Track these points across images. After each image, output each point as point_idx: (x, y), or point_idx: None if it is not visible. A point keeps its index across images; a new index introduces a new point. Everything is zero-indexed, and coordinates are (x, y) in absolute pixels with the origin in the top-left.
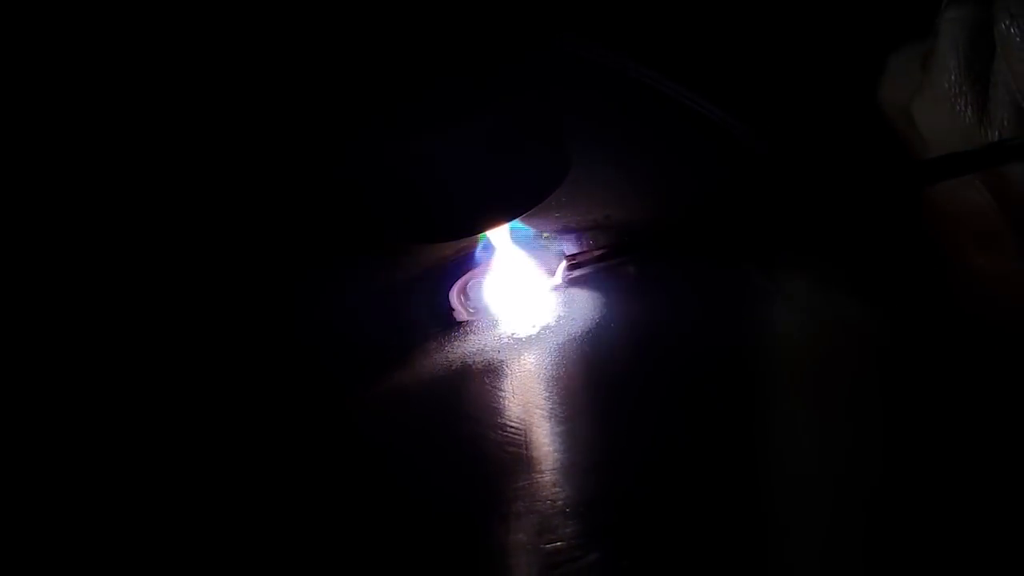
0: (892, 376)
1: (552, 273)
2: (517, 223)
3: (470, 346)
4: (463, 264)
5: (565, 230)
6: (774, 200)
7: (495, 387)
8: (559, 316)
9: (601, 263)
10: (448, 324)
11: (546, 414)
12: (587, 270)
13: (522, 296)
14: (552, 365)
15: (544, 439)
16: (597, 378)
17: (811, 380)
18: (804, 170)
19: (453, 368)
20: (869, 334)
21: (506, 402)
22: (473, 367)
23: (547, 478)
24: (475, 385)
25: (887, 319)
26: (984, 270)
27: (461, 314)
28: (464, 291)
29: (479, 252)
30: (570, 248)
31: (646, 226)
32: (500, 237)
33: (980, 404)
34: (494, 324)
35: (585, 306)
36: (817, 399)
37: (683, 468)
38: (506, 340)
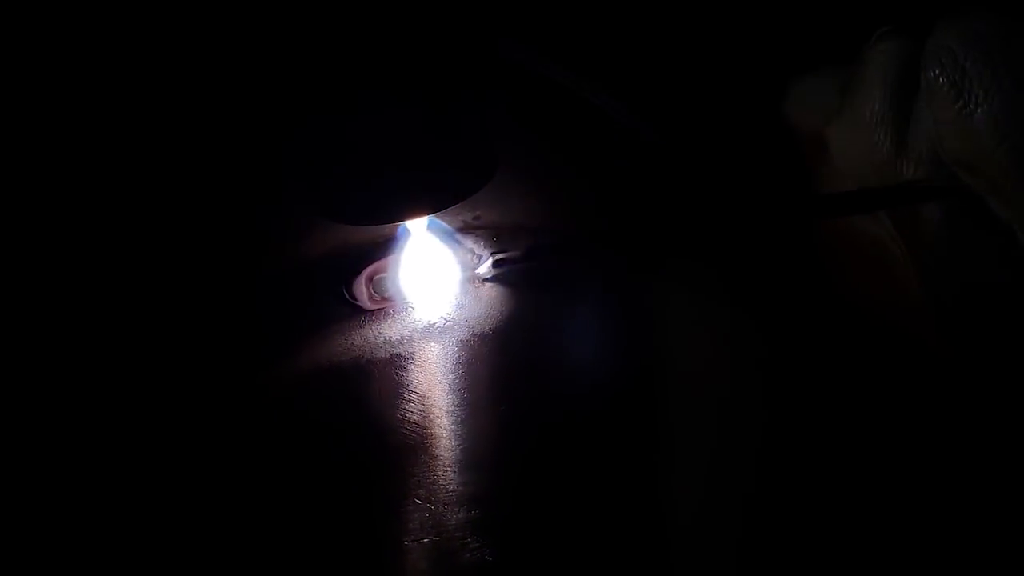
0: (769, 386)
1: (467, 269)
2: (435, 218)
3: (373, 335)
4: (375, 252)
5: (480, 228)
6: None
7: (396, 377)
8: (466, 312)
9: (516, 263)
10: (354, 311)
11: (446, 407)
12: (502, 268)
13: (432, 289)
14: (455, 359)
15: (442, 432)
16: (498, 375)
17: (694, 387)
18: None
19: (354, 356)
20: (748, 344)
21: (406, 393)
22: (375, 356)
23: (442, 471)
24: (376, 374)
25: (767, 331)
26: (878, 298)
27: (366, 302)
28: (372, 279)
29: (393, 242)
30: (486, 246)
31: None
32: (417, 229)
33: (854, 419)
34: (401, 315)
35: (494, 303)
36: (696, 404)
37: (575, 468)
38: (412, 331)
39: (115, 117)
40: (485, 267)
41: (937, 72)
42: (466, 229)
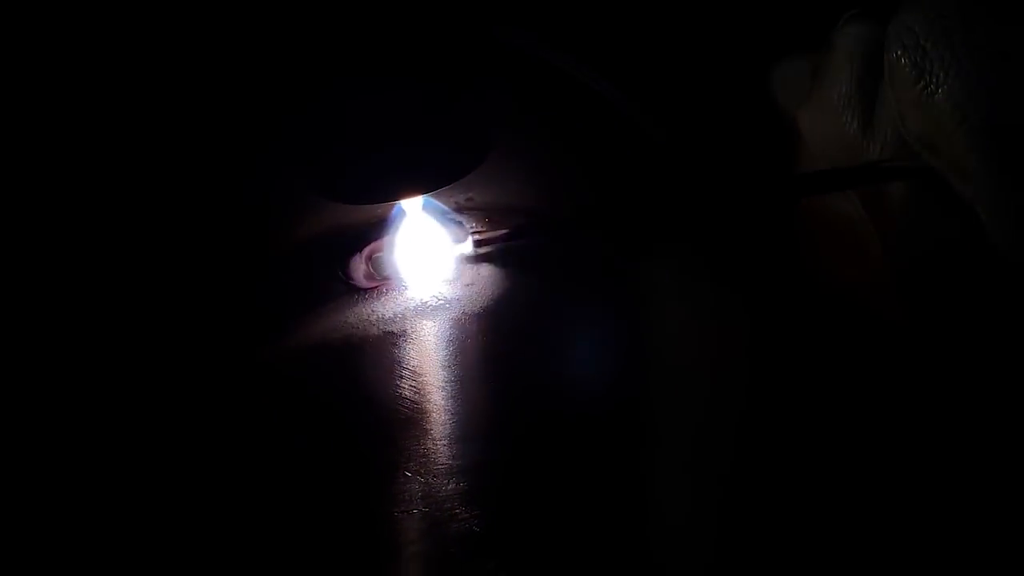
0: (754, 365)
1: (459, 248)
2: (429, 197)
3: (368, 313)
4: (370, 232)
5: (475, 208)
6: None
7: (390, 354)
8: (461, 290)
9: (507, 242)
10: (350, 288)
11: (438, 383)
12: (492, 247)
13: (426, 268)
14: (447, 337)
15: (436, 406)
16: (491, 352)
17: (681, 366)
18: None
19: (349, 333)
20: (734, 325)
21: (400, 369)
22: (370, 333)
23: (436, 444)
24: (370, 351)
25: (751, 311)
26: (848, 276)
27: (362, 281)
28: (368, 259)
29: (388, 222)
30: (478, 226)
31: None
32: (411, 208)
33: (835, 397)
34: (397, 292)
35: (486, 282)
36: (685, 384)
37: (563, 442)
38: (405, 309)
39: (112, 98)
40: (469, 245)
41: (899, 53)
42: (459, 210)
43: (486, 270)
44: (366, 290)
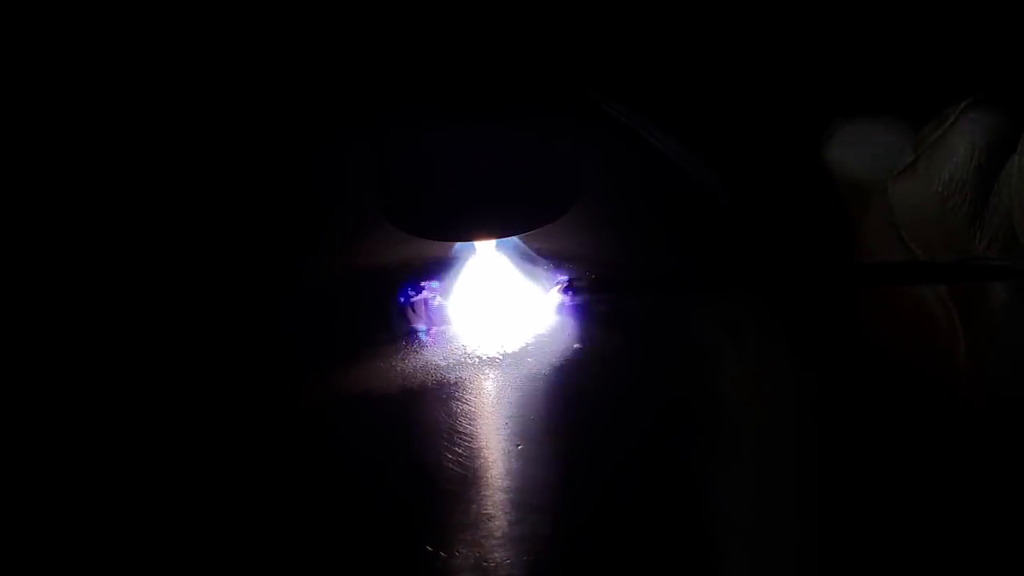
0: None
1: (540, 294)
2: (508, 241)
3: (427, 360)
4: (439, 270)
5: (559, 256)
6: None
7: (449, 406)
8: (533, 341)
9: (594, 295)
10: (409, 330)
11: (499, 444)
12: (577, 299)
13: (495, 317)
14: (513, 393)
15: (493, 470)
16: (558, 414)
17: (754, 431)
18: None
19: (406, 379)
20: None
21: (458, 424)
22: (427, 381)
23: (491, 511)
24: (427, 401)
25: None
26: (920, 358)
27: (421, 322)
28: (433, 299)
29: (459, 262)
30: (563, 274)
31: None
32: (487, 251)
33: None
34: (459, 341)
35: (560, 335)
36: (759, 449)
37: (629, 515)
38: (468, 360)
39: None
40: (554, 295)
41: None
42: (537, 256)
43: (559, 323)
44: (425, 334)
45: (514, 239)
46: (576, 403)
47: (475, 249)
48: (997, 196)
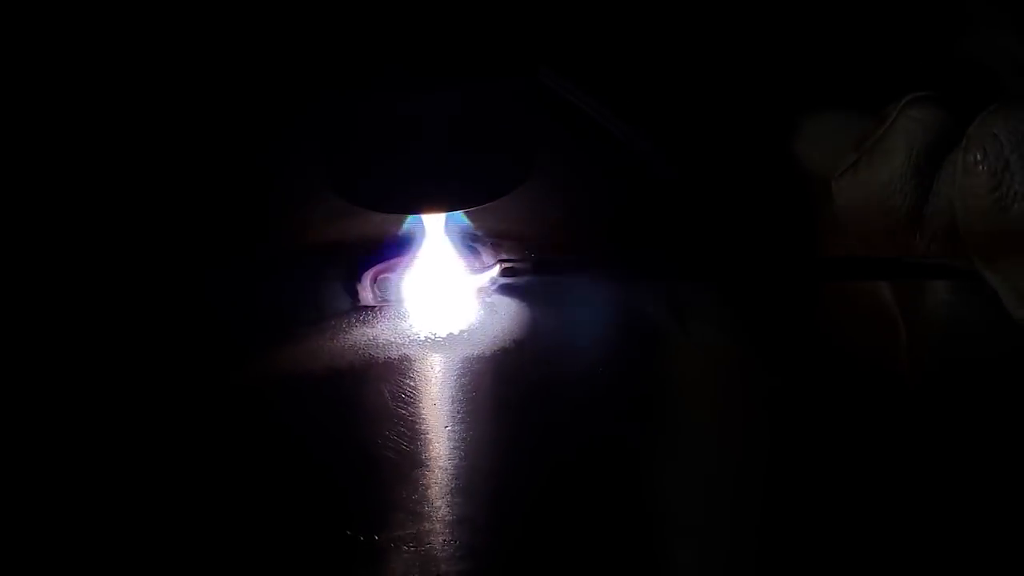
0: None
1: (480, 274)
2: (456, 215)
3: (372, 336)
4: (385, 246)
5: (501, 236)
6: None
7: (393, 383)
8: (474, 321)
9: (534, 275)
10: (356, 306)
11: (442, 423)
12: (518, 279)
13: (440, 295)
14: (457, 370)
15: (435, 449)
16: (500, 392)
17: (704, 414)
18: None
19: (352, 355)
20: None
21: (402, 401)
22: (373, 357)
23: (431, 490)
24: (372, 378)
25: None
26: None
27: (369, 298)
28: (380, 275)
29: (406, 238)
30: (504, 254)
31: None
32: (434, 226)
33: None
34: (404, 318)
35: (503, 318)
36: (707, 431)
37: (569, 494)
38: (412, 338)
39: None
40: (493, 274)
41: (979, 158)
42: (480, 235)
43: (501, 302)
44: (371, 310)
45: (458, 215)
46: (515, 385)
47: (422, 225)
48: (937, 195)
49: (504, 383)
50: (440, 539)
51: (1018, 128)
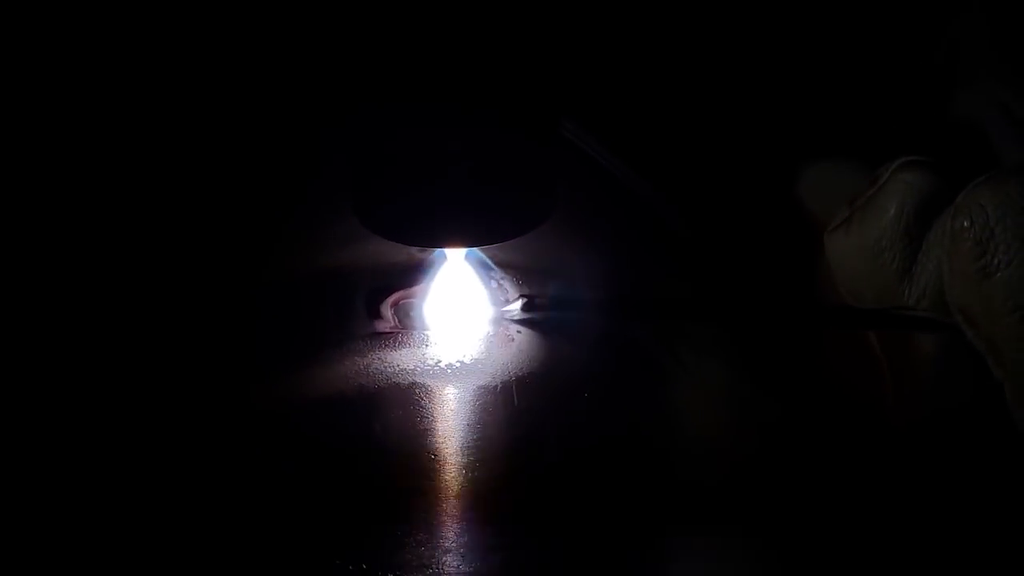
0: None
1: (500, 309)
2: (478, 251)
3: (389, 361)
4: (407, 275)
5: (513, 269)
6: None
7: (406, 410)
8: (490, 354)
9: (554, 311)
10: (374, 332)
11: (452, 453)
12: (537, 315)
13: (458, 324)
14: (470, 402)
15: (445, 481)
16: (512, 425)
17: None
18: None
19: (366, 380)
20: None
21: (415, 429)
22: (389, 383)
23: (440, 519)
24: (386, 404)
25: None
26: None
27: (387, 324)
28: (400, 302)
29: (428, 268)
30: (526, 290)
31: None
32: (456, 259)
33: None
34: (422, 345)
35: (514, 351)
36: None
37: (577, 529)
38: (429, 366)
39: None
40: (514, 308)
41: (966, 225)
42: (501, 268)
43: (518, 335)
44: (389, 336)
45: (480, 250)
46: (527, 418)
47: (445, 256)
48: (926, 255)
49: (516, 415)
50: (452, 568)
51: (1005, 199)
